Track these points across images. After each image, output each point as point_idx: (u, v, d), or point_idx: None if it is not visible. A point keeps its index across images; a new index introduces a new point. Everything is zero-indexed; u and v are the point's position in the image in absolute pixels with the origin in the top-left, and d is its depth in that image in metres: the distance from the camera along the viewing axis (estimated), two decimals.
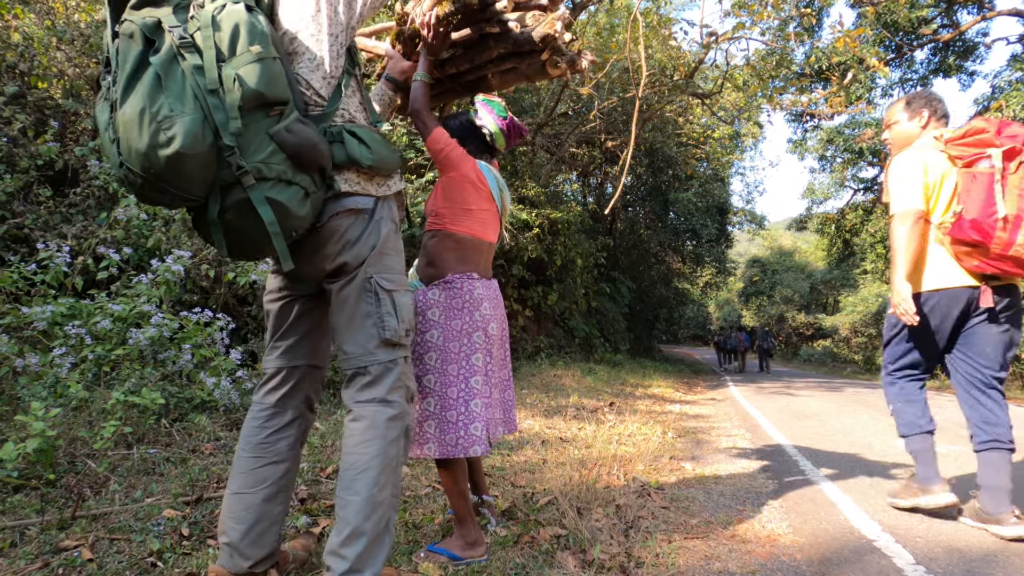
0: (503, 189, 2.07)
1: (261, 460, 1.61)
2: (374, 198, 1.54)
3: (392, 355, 1.53)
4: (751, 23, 8.78)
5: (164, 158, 1.22)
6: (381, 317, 1.51)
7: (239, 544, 1.56)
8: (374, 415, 1.49)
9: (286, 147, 1.35)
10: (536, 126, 10.30)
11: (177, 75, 1.25)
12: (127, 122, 1.22)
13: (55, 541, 1.82)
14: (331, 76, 1.51)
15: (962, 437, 4.36)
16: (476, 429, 1.85)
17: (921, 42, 15.15)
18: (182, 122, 1.22)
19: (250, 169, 1.31)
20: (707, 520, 2.42)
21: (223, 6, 1.31)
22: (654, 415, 5.53)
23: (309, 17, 1.48)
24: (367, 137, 1.50)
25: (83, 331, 3.09)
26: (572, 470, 2.95)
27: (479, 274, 1.96)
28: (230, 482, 1.63)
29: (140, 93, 1.22)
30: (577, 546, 2.00)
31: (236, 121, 1.27)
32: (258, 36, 1.31)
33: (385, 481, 1.46)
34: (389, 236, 1.56)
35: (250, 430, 1.64)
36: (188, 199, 1.34)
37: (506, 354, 2.11)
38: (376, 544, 1.43)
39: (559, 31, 1.85)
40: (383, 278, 1.52)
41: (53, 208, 4.27)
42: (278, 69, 1.34)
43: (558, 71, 1.97)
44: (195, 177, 1.28)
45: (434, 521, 2.20)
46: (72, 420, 2.61)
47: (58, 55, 5.03)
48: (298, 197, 1.38)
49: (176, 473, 2.48)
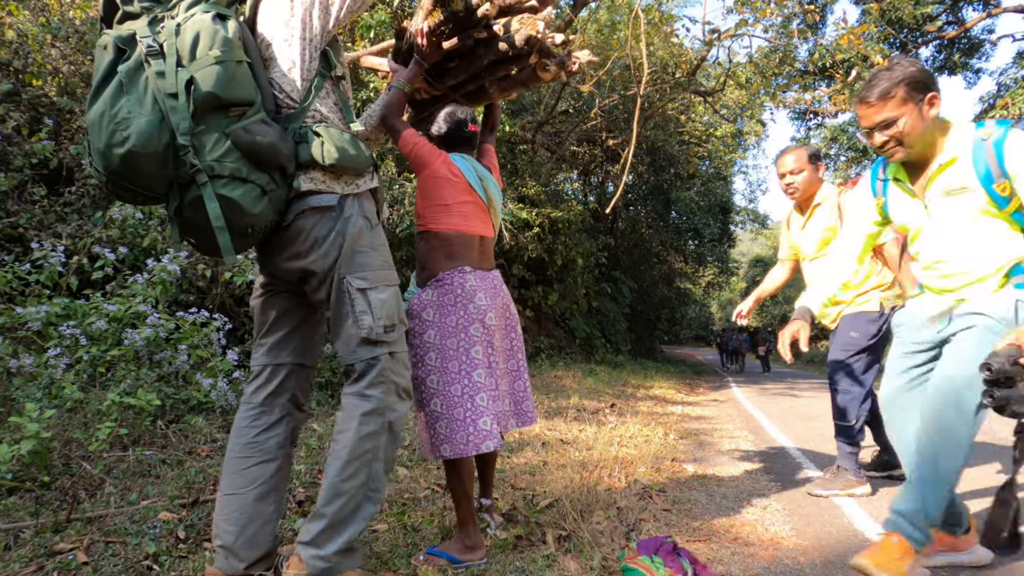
0: (484, 178, 2.04)
1: (251, 459, 1.64)
2: (338, 195, 1.59)
3: (373, 352, 1.59)
4: (754, 20, 8.79)
5: (119, 156, 1.34)
6: (357, 316, 1.57)
7: (233, 546, 1.58)
8: (351, 408, 1.58)
9: (240, 146, 1.43)
10: (536, 124, 10.31)
11: (140, 81, 1.37)
12: (91, 124, 1.35)
13: (50, 544, 1.82)
14: (303, 79, 1.60)
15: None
16: (485, 424, 1.85)
17: (926, 39, 15.14)
18: (137, 123, 1.34)
19: (203, 167, 1.40)
20: (709, 523, 2.42)
21: (191, 16, 1.44)
22: (656, 416, 5.53)
23: (282, 23, 1.59)
24: (333, 137, 1.55)
25: (78, 331, 3.09)
26: (573, 472, 2.95)
27: (472, 267, 1.95)
28: (221, 483, 1.65)
29: (104, 98, 1.35)
30: (578, 549, 2.00)
31: (186, 122, 1.36)
32: (219, 41, 1.41)
33: (352, 472, 1.54)
34: (361, 233, 1.60)
35: (238, 430, 1.68)
36: (149, 196, 1.45)
37: (514, 343, 2.08)
38: (335, 529, 1.52)
39: (541, 31, 1.87)
40: (356, 277, 1.57)
41: (48, 207, 4.27)
42: (242, 72, 1.44)
43: (549, 74, 1.99)
44: (153, 175, 1.38)
45: (433, 523, 2.20)
46: (67, 422, 2.61)
47: (53, 52, 5.03)
48: (252, 195, 1.45)
49: (172, 475, 2.48)
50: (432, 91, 2.21)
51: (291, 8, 1.58)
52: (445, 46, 1.99)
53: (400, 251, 5.89)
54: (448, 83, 2.14)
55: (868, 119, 1.73)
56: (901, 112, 1.67)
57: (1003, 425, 2.07)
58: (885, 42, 14.71)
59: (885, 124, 1.69)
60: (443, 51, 1.99)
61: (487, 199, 2.05)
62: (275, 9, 1.60)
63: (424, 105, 2.31)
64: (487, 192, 2.05)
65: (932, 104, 1.68)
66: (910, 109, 1.67)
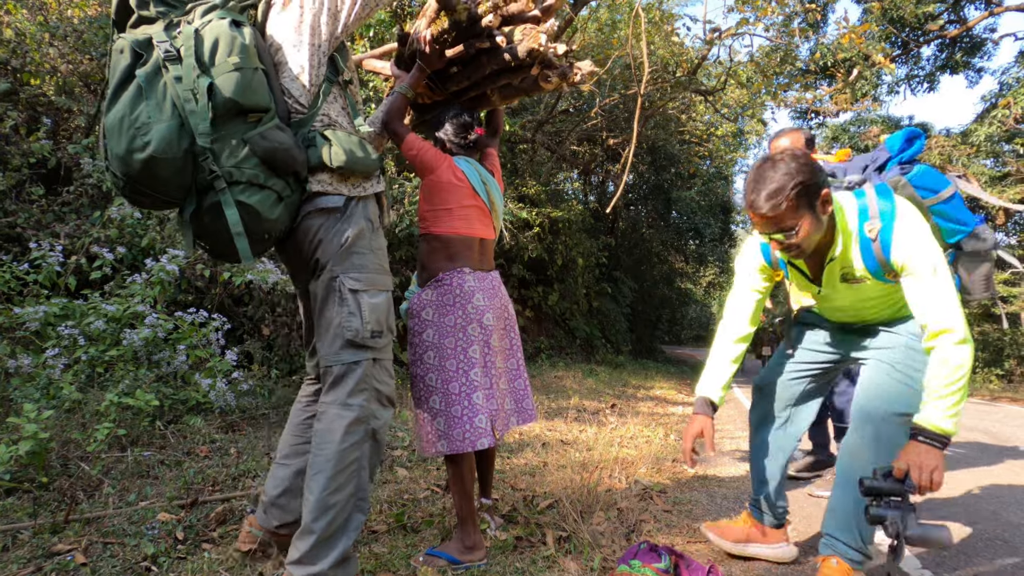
0: (487, 182, 2.08)
1: (299, 439, 1.78)
2: (345, 197, 1.61)
3: (356, 356, 1.58)
4: (755, 19, 8.78)
5: (139, 162, 1.35)
6: (344, 317, 1.57)
7: (270, 505, 1.76)
8: (332, 419, 1.56)
9: (258, 152, 1.45)
10: (537, 123, 10.30)
11: (159, 85, 1.38)
12: (110, 128, 1.36)
13: (48, 545, 1.82)
14: (312, 84, 1.62)
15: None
16: (480, 421, 1.87)
17: (928, 38, 15.15)
18: (157, 128, 1.35)
19: (222, 173, 1.42)
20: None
21: (208, 21, 1.46)
22: (656, 417, 5.53)
23: (292, 29, 1.61)
24: (341, 140, 1.58)
25: (76, 332, 3.09)
26: (573, 473, 2.95)
27: (471, 268, 1.98)
28: (278, 450, 1.82)
29: (123, 102, 1.36)
30: (578, 550, 2.00)
31: (206, 123, 1.38)
32: (238, 48, 1.43)
33: (340, 484, 1.53)
34: (362, 235, 1.62)
35: (295, 411, 1.83)
36: (167, 202, 1.47)
37: (512, 343, 2.11)
38: (326, 544, 1.52)
39: (543, 44, 1.89)
40: (349, 278, 1.58)
41: (46, 207, 4.27)
42: (258, 79, 1.46)
43: (550, 85, 2.02)
44: (170, 180, 1.40)
45: (433, 524, 2.20)
46: (65, 422, 2.61)
47: (51, 51, 5.03)
48: (269, 201, 1.48)
49: (171, 476, 2.48)
50: (434, 96, 2.23)
51: (300, 14, 1.61)
52: (448, 54, 2.01)
53: (399, 251, 5.89)
54: (450, 89, 2.17)
55: (762, 228, 1.63)
56: (796, 220, 1.58)
57: (1004, 426, 2.07)
58: (887, 41, 14.72)
59: (782, 229, 1.60)
60: (446, 58, 2.02)
61: (489, 202, 2.07)
62: (285, 15, 1.62)
63: (426, 109, 2.33)
64: (489, 196, 2.07)
65: (825, 204, 1.60)
66: (804, 215, 1.58)
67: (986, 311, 14.81)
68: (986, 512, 2.71)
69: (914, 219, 1.61)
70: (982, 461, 3.86)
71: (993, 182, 16.22)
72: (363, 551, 1.93)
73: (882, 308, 1.83)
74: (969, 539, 2.35)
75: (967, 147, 15.98)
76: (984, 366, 14.67)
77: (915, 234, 1.59)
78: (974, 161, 16.59)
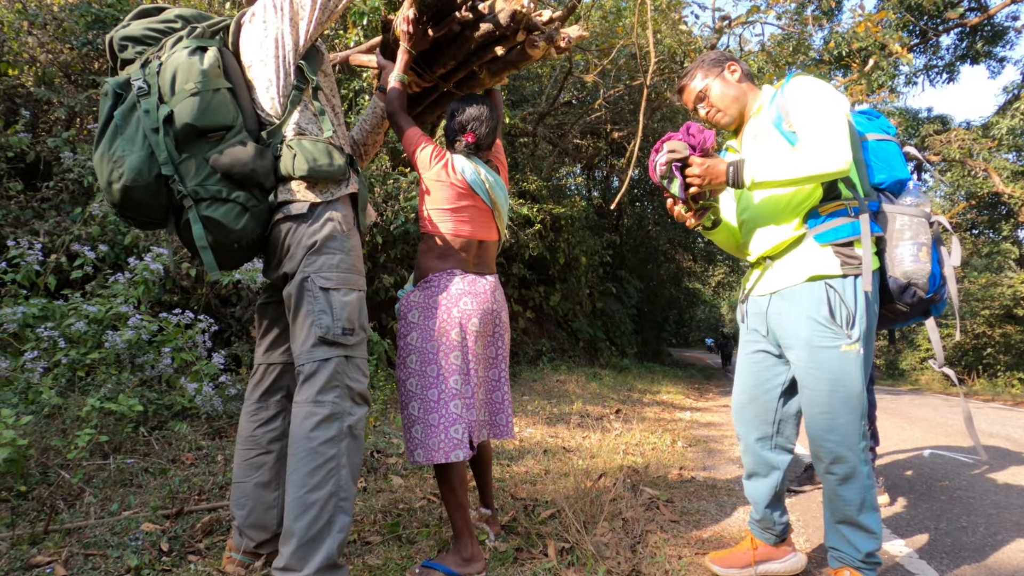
0: (489, 181, 2.07)
1: (252, 451, 1.84)
2: (309, 203, 1.71)
3: (328, 353, 1.66)
4: (766, 6, 8.78)
5: (118, 191, 1.58)
6: (316, 315, 1.66)
7: (243, 527, 1.81)
8: (304, 417, 1.63)
9: (218, 168, 1.62)
10: (538, 116, 10.31)
11: (132, 121, 1.59)
12: (96, 164, 1.60)
13: (26, 557, 1.83)
14: (282, 95, 1.75)
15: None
16: (456, 432, 1.88)
17: (947, 27, 15.16)
18: (130, 160, 1.56)
19: (188, 192, 1.61)
20: (719, 534, 2.42)
21: (173, 54, 1.64)
22: (663, 423, 5.53)
23: (257, 44, 1.75)
24: (305, 148, 1.70)
25: (56, 334, 3.09)
26: (576, 481, 2.96)
27: (463, 270, 1.99)
28: (233, 472, 1.88)
29: (104, 140, 1.59)
30: (581, 562, 2.01)
31: (165, 154, 1.58)
32: (195, 74, 1.60)
33: (317, 482, 1.58)
34: (332, 236, 1.71)
35: (243, 424, 1.88)
36: (152, 222, 1.68)
37: (498, 352, 2.11)
38: (309, 546, 1.55)
39: (526, 6, 1.95)
40: (321, 276, 1.68)
41: (24, 203, 4.27)
42: (219, 99, 1.63)
43: (538, 51, 2.06)
44: (149, 204, 1.61)
45: (429, 535, 2.20)
46: (45, 428, 2.61)
47: (30, 40, 5.03)
48: (233, 212, 1.64)
49: (155, 484, 2.48)
50: (423, 83, 2.26)
51: (264, 29, 1.75)
52: (431, 33, 2.07)
53: (394, 249, 5.88)
54: (437, 72, 2.20)
55: (687, 101, 2.04)
56: (706, 84, 1.98)
57: (1018, 430, 2.07)
58: (904, 30, 14.72)
59: (699, 98, 1.99)
60: (430, 39, 2.07)
61: (491, 203, 2.07)
62: (251, 30, 1.77)
63: (416, 99, 2.35)
64: (491, 196, 2.07)
65: (732, 71, 1.98)
66: (713, 79, 1.98)
67: (1008, 312, 14.82)
68: (1009, 523, 2.71)
69: (813, 78, 1.82)
70: (1004, 468, 3.86)
71: (1016, 177, 16.22)
72: (356, 563, 1.94)
73: (771, 213, 1.90)
74: (991, 551, 2.35)
75: (988, 140, 15.99)
76: (1007, 369, 14.66)
77: (810, 80, 1.82)
78: (996, 155, 16.58)
